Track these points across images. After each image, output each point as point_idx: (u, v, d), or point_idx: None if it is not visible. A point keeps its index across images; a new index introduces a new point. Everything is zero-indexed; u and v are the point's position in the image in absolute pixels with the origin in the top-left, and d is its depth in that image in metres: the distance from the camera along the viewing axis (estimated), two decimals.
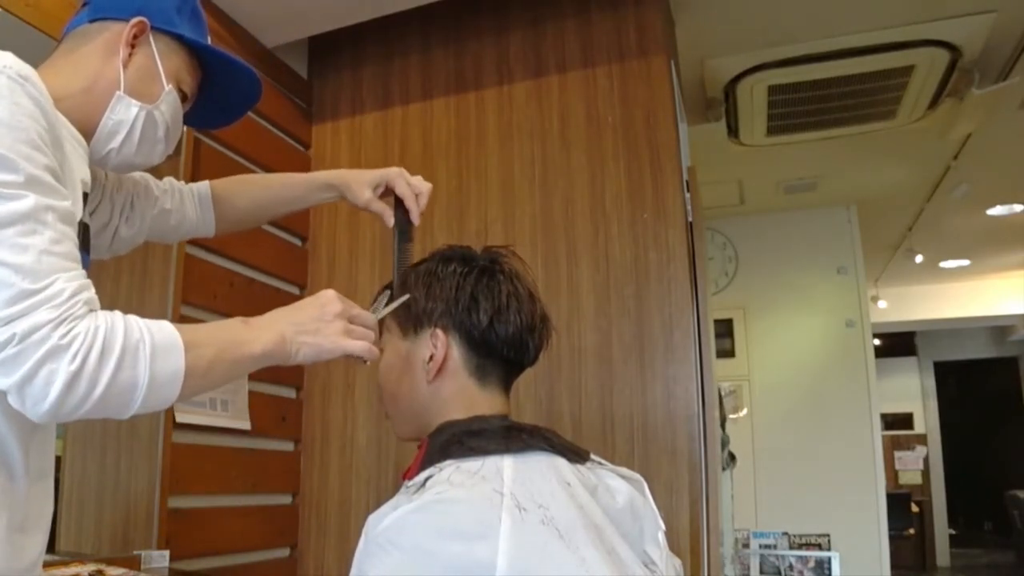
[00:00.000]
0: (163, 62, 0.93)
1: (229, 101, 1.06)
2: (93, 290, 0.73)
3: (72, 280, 0.71)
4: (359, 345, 0.88)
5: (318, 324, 0.87)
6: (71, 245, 0.73)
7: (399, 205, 1.13)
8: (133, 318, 0.74)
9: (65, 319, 0.68)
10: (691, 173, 2.03)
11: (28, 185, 0.70)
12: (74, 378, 0.67)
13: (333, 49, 2.35)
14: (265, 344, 0.83)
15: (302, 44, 2.35)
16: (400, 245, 1.09)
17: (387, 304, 0.94)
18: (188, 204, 1.15)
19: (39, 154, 0.72)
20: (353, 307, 0.90)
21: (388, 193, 1.16)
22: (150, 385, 0.72)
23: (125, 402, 0.72)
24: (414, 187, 1.14)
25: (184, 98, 0.98)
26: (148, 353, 0.72)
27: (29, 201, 0.69)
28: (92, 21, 0.91)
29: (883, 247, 4.92)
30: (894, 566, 3.86)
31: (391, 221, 1.13)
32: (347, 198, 1.18)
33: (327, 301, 0.89)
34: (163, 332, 0.74)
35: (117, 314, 0.73)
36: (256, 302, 2.00)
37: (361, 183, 1.15)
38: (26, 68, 0.75)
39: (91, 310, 0.71)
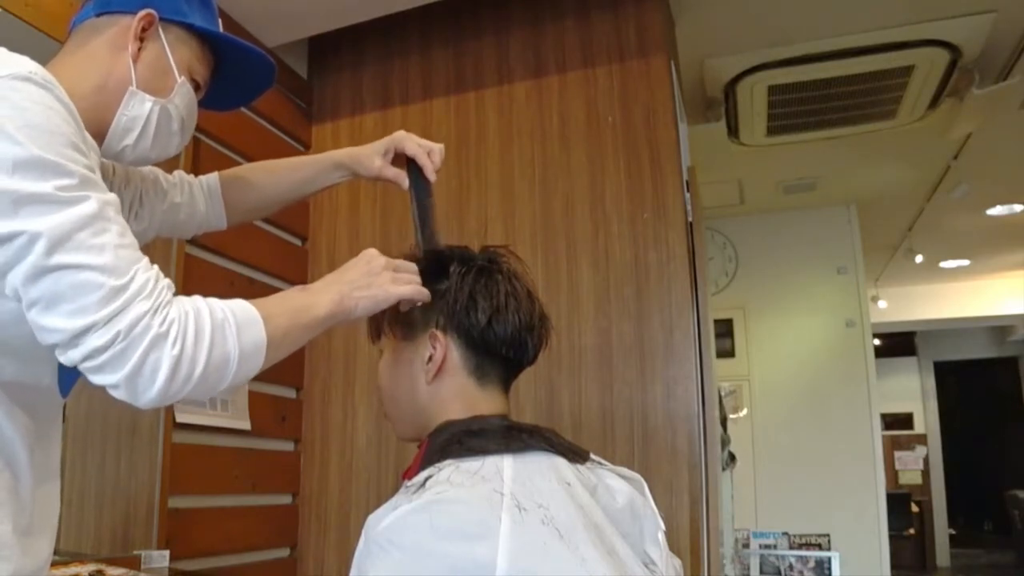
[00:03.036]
0: (174, 54, 0.92)
1: (243, 84, 1.05)
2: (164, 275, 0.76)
3: (149, 268, 0.73)
4: (410, 289, 0.90)
5: (369, 278, 0.89)
6: (132, 235, 0.75)
7: (412, 166, 1.11)
8: (213, 300, 0.77)
9: (159, 307, 0.70)
10: (691, 173, 2.03)
11: (84, 186, 0.70)
12: (177, 362, 0.70)
13: (333, 49, 2.35)
14: (327, 305, 0.86)
15: (302, 44, 2.35)
16: (420, 202, 1.07)
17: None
18: (198, 197, 1.14)
19: (80, 155, 0.72)
20: (395, 259, 0.93)
21: (399, 159, 1.14)
22: (240, 358, 0.75)
23: (221, 377, 0.74)
24: (424, 146, 1.12)
25: (197, 87, 0.97)
26: (235, 329, 0.75)
27: (92, 202, 0.70)
28: (99, 15, 0.89)
29: (883, 247, 4.92)
30: (894, 566, 3.86)
31: (406, 183, 1.11)
32: (359, 173, 1.16)
33: (371, 257, 0.92)
34: (242, 308, 0.78)
35: (198, 298, 0.76)
36: None
37: (369, 154, 1.14)
38: (48, 74, 0.75)
39: (174, 294, 0.74)
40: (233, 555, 1.88)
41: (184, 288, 1.79)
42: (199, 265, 1.82)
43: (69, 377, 0.85)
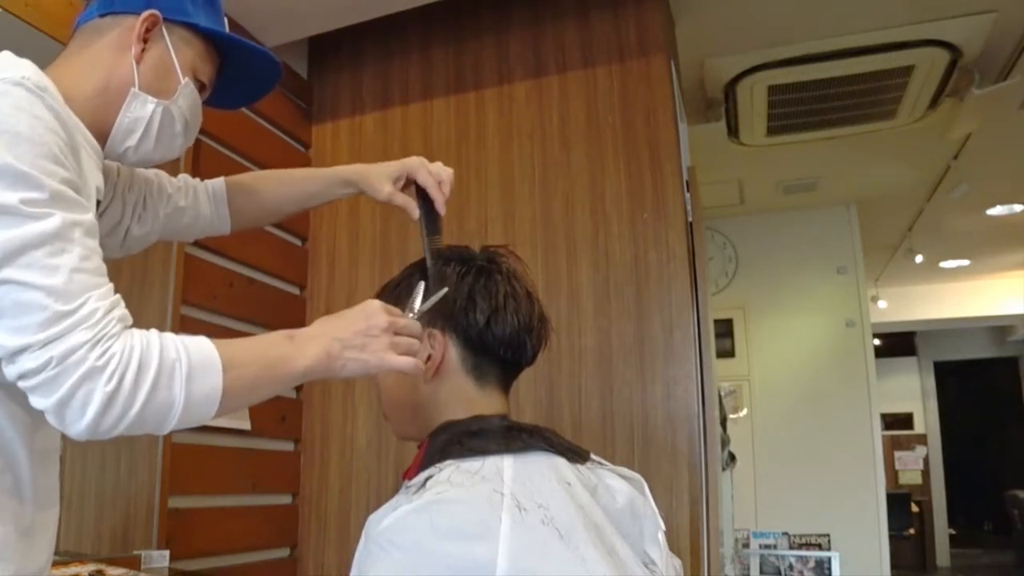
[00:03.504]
0: (178, 55, 0.91)
1: (249, 83, 1.04)
2: (124, 306, 0.73)
3: (104, 298, 0.70)
4: (405, 361, 0.84)
5: (364, 339, 0.83)
6: (98, 259, 0.73)
7: (422, 195, 1.10)
8: (170, 336, 0.73)
9: (101, 339, 0.68)
10: (691, 173, 2.03)
11: (53, 202, 0.69)
12: (110, 399, 0.67)
13: (333, 49, 2.35)
14: (309, 361, 0.81)
15: (302, 44, 2.35)
16: (429, 237, 1.04)
17: (423, 300, 0.89)
18: (202, 201, 1.13)
19: (61, 168, 0.71)
20: (398, 318, 0.86)
21: (409, 184, 1.12)
22: (186, 405, 0.72)
23: (161, 420, 0.72)
24: (435, 175, 1.10)
25: (202, 87, 0.96)
26: (184, 373, 0.71)
27: (56, 220, 0.68)
28: (102, 15, 0.89)
29: (883, 247, 4.92)
30: (894, 566, 3.86)
31: (416, 213, 1.08)
32: (366, 193, 1.14)
33: (372, 313, 0.85)
34: (201, 351, 0.73)
35: (153, 332, 0.73)
36: (256, 302, 2.00)
37: (381, 177, 1.12)
38: (43, 78, 0.75)
39: (125, 327, 0.71)
40: (233, 555, 1.88)
41: (184, 288, 1.78)
42: (199, 265, 1.82)
43: None
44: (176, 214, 1.10)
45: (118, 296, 0.73)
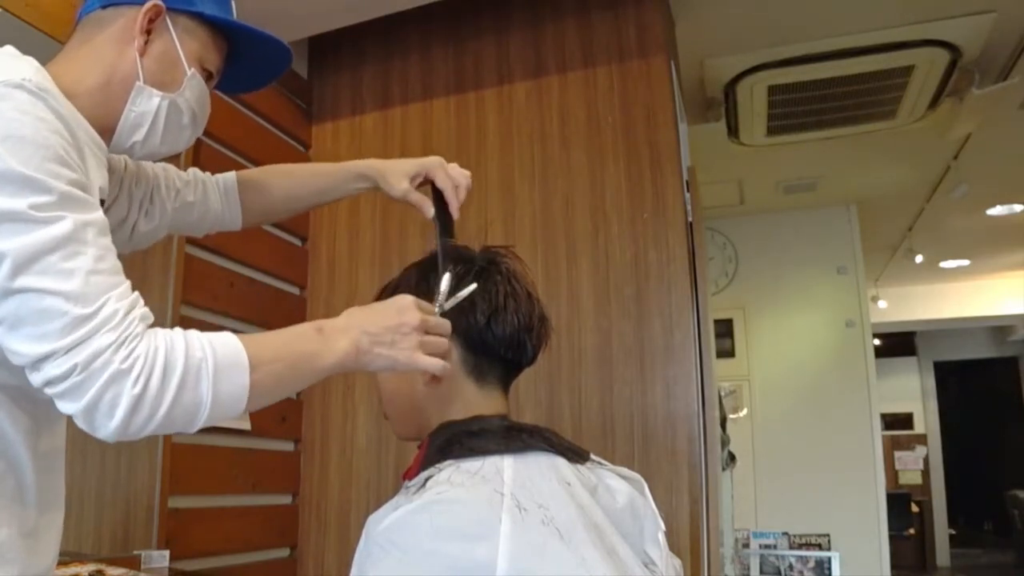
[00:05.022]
0: (183, 45, 0.88)
1: (257, 68, 1.02)
2: (143, 304, 0.72)
3: (123, 297, 0.69)
4: (433, 363, 0.82)
5: (394, 336, 0.81)
6: (113, 258, 0.72)
7: (438, 196, 1.08)
8: (195, 334, 0.72)
9: (125, 341, 0.67)
10: (691, 173, 2.03)
11: (62, 204, 0.68)
12: (138, 401, 0.66)
13: (333, 49, 2.35)
14: (338, 355, 0.80)
15: (302, 44, 2.35)
16: (442, 239, 1.02)
17: (448, 297, 0.88)
18: (212, 196, 1.11)
19: (67, 170, 0.70)
20: (429, 315, 0.84)
21: (426, 183, 1.11)
22: (214, 404, 0.71)
23: (189, 420, 0.71)
24: (454, 179, 1.09)
25: (209, 76, 0.94)
26: (211, 372, 0.70)
27: (67, 223, 0.67)
28: (104, 7, 0.87)
29: (883, 247, 4.92)
30: (894, 566, 3.86)
31: (431, 212, 1.07)
32: (382, 188, 1.12)
33: (404, 309, 0.83)
34: (227, 349, 0.72)
35: (178, 332, 0.72)
36: (256, 302, 2.00)
37: (398, 174, 1.10)
38: (45, 79, 0.74)
39: (148, 327, 0.70)
40: (233, 555, 1.88)
41: (184, 288, 1.78)
42: (199, 265, 1.82)
43: None
44: (185, 209, 1.08)
45: (137, 294, 0.72)
